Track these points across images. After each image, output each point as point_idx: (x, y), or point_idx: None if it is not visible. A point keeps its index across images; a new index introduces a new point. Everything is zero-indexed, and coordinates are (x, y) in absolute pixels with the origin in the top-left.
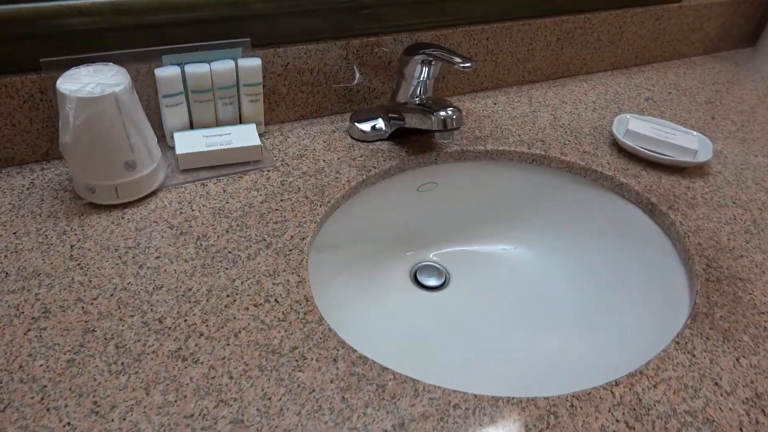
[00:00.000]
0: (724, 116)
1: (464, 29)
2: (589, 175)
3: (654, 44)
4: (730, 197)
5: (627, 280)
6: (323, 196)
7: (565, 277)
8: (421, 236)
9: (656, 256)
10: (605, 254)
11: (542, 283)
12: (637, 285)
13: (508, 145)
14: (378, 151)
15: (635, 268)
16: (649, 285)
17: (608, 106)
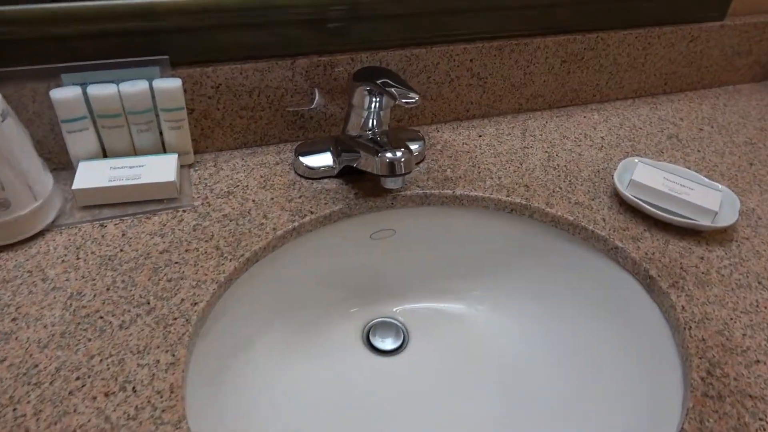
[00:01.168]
0: (765, 162)
1: (441, 48)
2: (578, 233)
3: (687, 69)
4: (756, 275)
5: (613, 366)
6: (238, 247)
7: (541, 351)
8: (376, 290)
9: (650, 343)
10: (590, 330)
11: (515, 355)
12: (623, 374)
13: (483, 190)
14: (322, 192)
15: (624, 353)
16: (638, 377)
17: (619, 144)
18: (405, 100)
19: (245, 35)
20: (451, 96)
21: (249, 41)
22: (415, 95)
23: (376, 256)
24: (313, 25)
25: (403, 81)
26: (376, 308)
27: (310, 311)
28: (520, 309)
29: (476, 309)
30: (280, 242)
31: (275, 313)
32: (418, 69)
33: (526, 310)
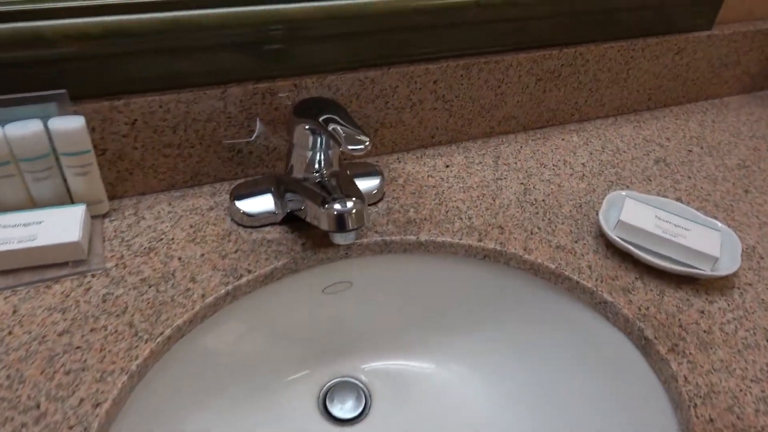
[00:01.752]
0: (763, 189)
1: (400, 70)
2: (561, 283)
3: (673, 83)
4: (764, 331)
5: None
6: (156, 322)
7: (522, 418)
8: (333, 349)
9: (649, 418)
10: (579, 396)
11: (491, 423)
12: None
13: (451, 235)
14: (263, 244)
15: (618, 425)
16: None
17: (602, 172)
18: (352, 147)
19: (161, 62)
20: (414, 122)
21: (167, 69)
22: (364, 140)
23: (331, 311)
24: (245, 48)
25: (351, 118)
26: (333, 369)
27: (253, 381)
28: (497, 369)
29: (448, 368)
30: (211, 310)
31: (206, 393)
32: (373, 94)
33: (505, 369)
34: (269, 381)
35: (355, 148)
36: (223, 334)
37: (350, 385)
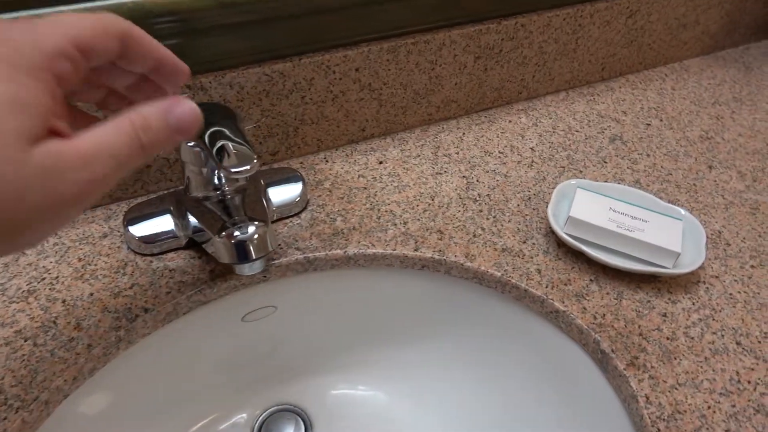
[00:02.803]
0: (727, 163)
1: (314, 59)
2: (508, 291)
3: (627, 50)
4: (732, 332)
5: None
6: (31, 385)
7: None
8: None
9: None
10: (534, 414)
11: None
12: None
13: (384, 244)
14: (164, 274)
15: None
16: None
17: (553, 157)
18: (234, 170)
19: None
20: (339, 116)
21: None
22: (250, 161)
23: (255, 339)
24: None
25: (237, 131)
26: (265, 400)
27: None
28: (443, 386)
29: (391, 386)
30: (100, 362)
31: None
32: (286, 89)
33: (452, 387)
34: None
35: (237, 171)
36: (120, 386)
37: (287, 414)
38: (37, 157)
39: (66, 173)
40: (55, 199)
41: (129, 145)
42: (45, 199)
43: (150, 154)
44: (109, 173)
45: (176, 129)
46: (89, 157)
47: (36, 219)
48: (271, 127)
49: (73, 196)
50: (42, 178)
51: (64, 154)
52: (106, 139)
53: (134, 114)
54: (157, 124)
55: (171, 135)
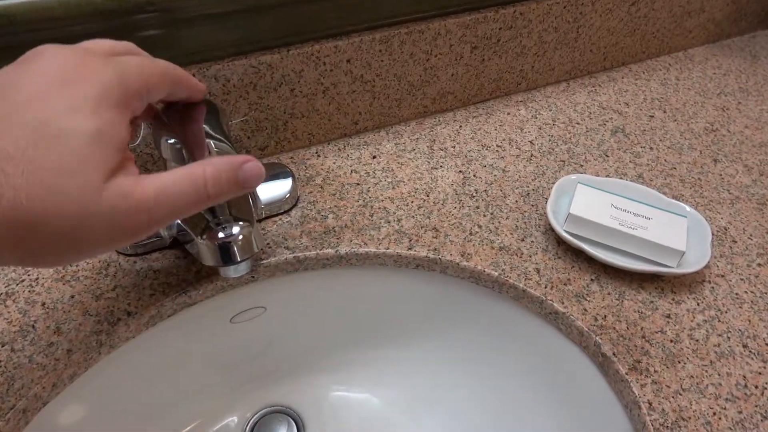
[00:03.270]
0: (733, 156)
1: (302, 50)
2: (506, 291)
3: (631, 39)
4: (738, 334)
5: None
6: (8, 393)
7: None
8: (253, 380)
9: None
10: (533, 419)
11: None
12: None
13: (377, 243)
14: (148, 275)
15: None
16: None
17: (552, 150)
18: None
19: None
20: (330, 109)
21: None
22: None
23: (244, 341)
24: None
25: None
26: (256, 402)
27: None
28: (439, 388)
29: (385, 387)
30: (81, 368)
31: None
32: (274, 81)
33: (448, 390)
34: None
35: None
36: (103, 392)
37: (279, 416)
38: (110, 195)
39: (130, 215)
40: (114, 235)
41: (193, 199)
42: (109, 231)
43: (210, 204)
44: (164, 219)
45: (243, 185)
46: (154, 202)
47: (97, 246)
48: (260, 120)
49: (129, 235)
50: (109, 216)
51: (133, 196)
52: (175, 190)
53: (209, 166)
54: (227, 176)
55: (236, 190)
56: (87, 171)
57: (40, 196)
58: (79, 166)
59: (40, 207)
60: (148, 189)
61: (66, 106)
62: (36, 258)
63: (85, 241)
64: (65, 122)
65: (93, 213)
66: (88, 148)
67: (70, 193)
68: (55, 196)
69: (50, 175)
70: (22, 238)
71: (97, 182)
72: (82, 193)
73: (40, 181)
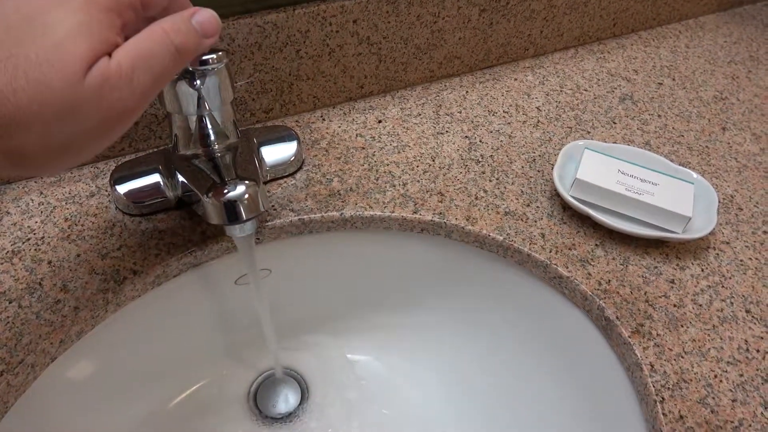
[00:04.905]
0: (741, 125)
1: (308, 10)
2: (510, 256)
3: (641, 5)
4: (742, 299)
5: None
6: (16, 348)
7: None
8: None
9: (615, 410)
10: (536, 383)
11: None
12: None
13: (382, 206)
14: (153, 235)
15: (580, 418)
16: None
17: (560, 117)
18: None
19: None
20: (336, 71)
21: None
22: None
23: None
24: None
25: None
26: (260, 365)
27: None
28: (443, 353)
29: (389, 352)
30: (88, 325)
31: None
32: (279, 41)
33: (452, 354)
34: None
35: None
36: (109, 350)
37: (283, 379)
38: (90, 78)
39: (114, 91)
40: (105, 117)
41: (164, 51)
42: (98, 118)
43: (183, 60)
44: (149, 88)
45: (203, 32)
46: (130, 70)
47: (90, 138)
48: (265, 82)
49: (120, 112)
50: (94, 100)
51: (109, 71)
52: (143, 49)
53: (164, 21)
54: (186, 26)
55: (199, 39)
56: (68, 60)
57: (23, 89)
58: (60, 56)
59: (24, 100)
60: (123, 61)
61: (52, 3)
62: (28, 159)
63: (76, 135)
64: (50, 16)
65: (77, 102)
66: (68, 39)
67: (53, 84)
68: (38, 87)
69: (32, 67)
70: (11, 136)
71: (78, 71)
72: (64, 83)
73: (23, 73)
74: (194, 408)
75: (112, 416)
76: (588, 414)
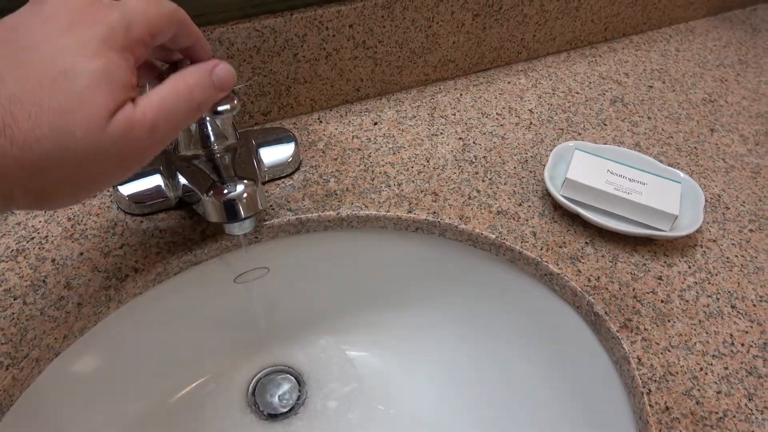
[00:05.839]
0: (729, 126)
1: (306, 15)
2: (502, 254)
3: (632, 9)
4: (728, 295)
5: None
6: (21, 343)
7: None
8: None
9: (604, 402)
10: (527, 376)
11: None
12: None
13: (377, 206)
14: (154, 234)
15: (573, 413)
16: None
17: (551, 119)
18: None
19: None
20: (332, 75)
21: None
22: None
23: (247, 301)
24: None
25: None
26: (258, 362)
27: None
28: (437, 349)
29: (385, 349)
30: (91, 321)
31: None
32: (277, 46)
33: (446, 350)
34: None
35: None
36: (112, 345)
37: (281, 375)
38: (114, 126)
39: (136, 141)
40: (124, 161)
41: (186, 109)
42: (117, 162)
43: (202, 113)
44: (167, 137)
45: (219, 87)
46: (154, 122)
47: (107, 178)
48: (263, 85)
49: (138, 159)
50: (116, 145)
51: (134, 122)
52: (168, 103)
53: (190, 78)
54: (207, 82)
55: (217, 94)
56: (90, 109)
57: (47, 137)
58: (82, 105)
59: (47, 148)
60: (148, 113)
61: (71, 48)
62: (49, 198)
63: (95, 176)
64: (69, 63)
65: (99, 149)
66: (90, 88)
67: (75, 132)
68: (61, 136)
69: (55, 115)
70: (34, 180)
71: (100, 119)
72: (86, 131)
73: (47, 121)
74: (194, 404)
75: (113, 410)
76: (577, 406)
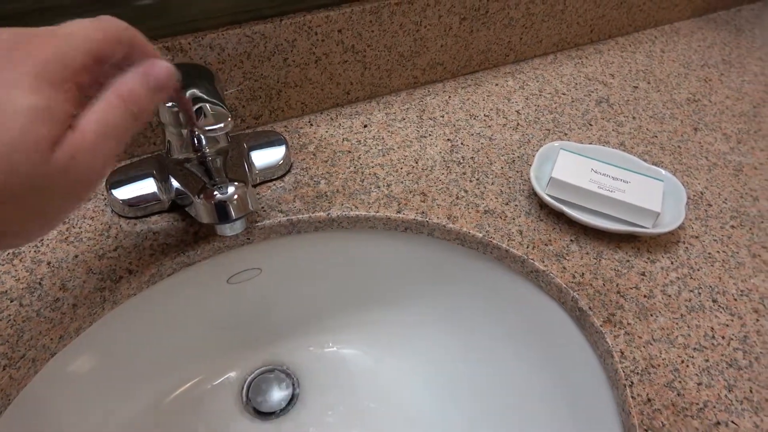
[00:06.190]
0: (713, 125)
1: (295, 20)
2: (490, 252)
3: (617, 12)
4: (709, 290)
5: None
6: (18, 344)
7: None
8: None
9: (588, 395)
10: (514, 371)
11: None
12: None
13: (367, 207)
14: (148, 236)
15: (557, 406)
16: None
17: (538, 120)
18: (209, 128)
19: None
20: (322, 79)
21: None
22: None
23: (240, 301)
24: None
25: (217, 92)
26: (252, 362)
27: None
28: (427, 345)
29: (376, 347)
30: (86, 322)
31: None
32: (267, 51)
33: (435, 346)
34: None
35: (212, 128)
36: (107, 346)
37: (275, 374)
38: (58, 158)
39: (81, 165)
40: (75, 188)
41: (125, 121)
42: (68, 191)
43: (143, 119)
44: (112, 153)
45: (155, 89)
46: (94, 142)
47: (62, 209)
48: (254, 90)
49: (90, 182)
50: (63, 174)
51: (75, 147)
52: (103, 120)
53: (122, 88)
54: (141, 88)
55: (153, 97)
56: (32, 145)
57: None
58: (24, 142)
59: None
60: (87, 135)
61: (7, 84)
62: (2, 237)
63: (47, 206)
64: (5, 99)
65: (46, 180)
66: (29, 125)
67: (20, 170)
68: (4, 175)
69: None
70: None
71: (44, 152)
72: (30, 167)
73: None
74: (189, 403)
75: (109, 409)
76: (563, 398)
